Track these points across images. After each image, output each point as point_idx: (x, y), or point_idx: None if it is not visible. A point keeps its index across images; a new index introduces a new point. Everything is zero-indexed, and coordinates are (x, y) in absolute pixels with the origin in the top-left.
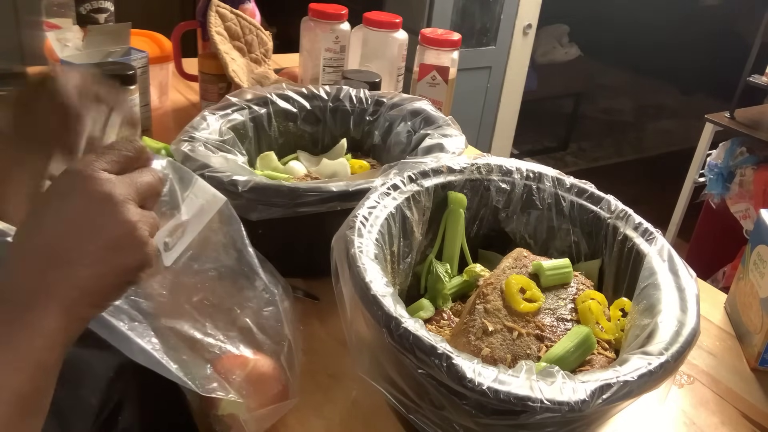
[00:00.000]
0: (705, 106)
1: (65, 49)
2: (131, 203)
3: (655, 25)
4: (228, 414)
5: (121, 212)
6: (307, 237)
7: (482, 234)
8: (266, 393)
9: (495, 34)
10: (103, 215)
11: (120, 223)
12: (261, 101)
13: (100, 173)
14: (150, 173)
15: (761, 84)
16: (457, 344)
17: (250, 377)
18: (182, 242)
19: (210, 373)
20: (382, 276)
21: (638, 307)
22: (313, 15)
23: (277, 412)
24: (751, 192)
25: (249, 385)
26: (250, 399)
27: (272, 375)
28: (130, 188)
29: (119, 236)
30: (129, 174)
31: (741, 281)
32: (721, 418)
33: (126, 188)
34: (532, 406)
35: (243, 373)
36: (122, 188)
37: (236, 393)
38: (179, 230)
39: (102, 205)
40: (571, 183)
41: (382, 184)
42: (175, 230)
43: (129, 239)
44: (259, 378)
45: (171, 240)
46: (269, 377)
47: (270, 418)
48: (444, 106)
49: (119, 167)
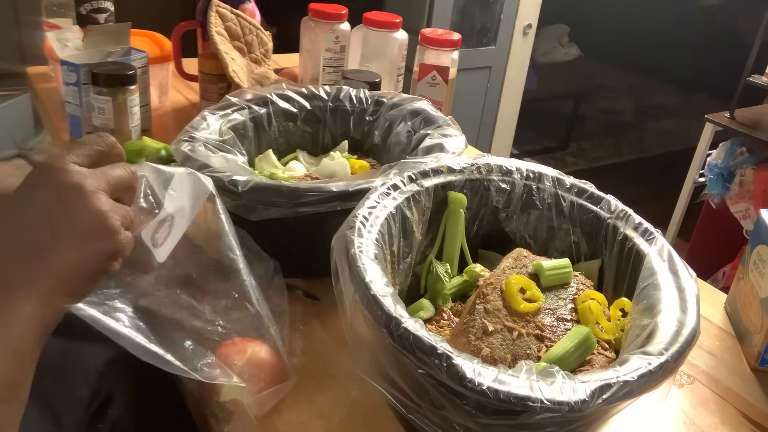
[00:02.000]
0: (705, 106)
1: (65, 49)
2: (102, 194)
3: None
4: (230, 400)
5: (92, 202)
6: (307, 237)
7: (482, 234)
8: (265, 377)
9: (495, 34)
10: (74, 205)
11: (91, 212)
12: (261, 101)
13: (71, 166)
14: (121, 167)
15: (761, 84)
16: (457, 344)
17: (250, 363)
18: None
19: (212, 361)
20: (382, 276)
21: (638, 307)
22: (313, 15)
23: (277, 393)
24: (751, 192)
25: (249, 370)
26: (251, 383)
27: (270, 359)
28: (101, 180)
29: (91, 225)
30: (100, 168)
31: (741, 281)
32: (721, 418)
33: (96, 180)
34: (532, 406)
35: (243, 359)
36: (92, 180)
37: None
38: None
39: (73, 195)
40: (571, 183)
41: (382, 184)
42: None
43: (101, 228)
44: (258, 363)
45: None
46: (267, 362)
47: (270, 400)
48: (444, 106)
49: (90, 161)
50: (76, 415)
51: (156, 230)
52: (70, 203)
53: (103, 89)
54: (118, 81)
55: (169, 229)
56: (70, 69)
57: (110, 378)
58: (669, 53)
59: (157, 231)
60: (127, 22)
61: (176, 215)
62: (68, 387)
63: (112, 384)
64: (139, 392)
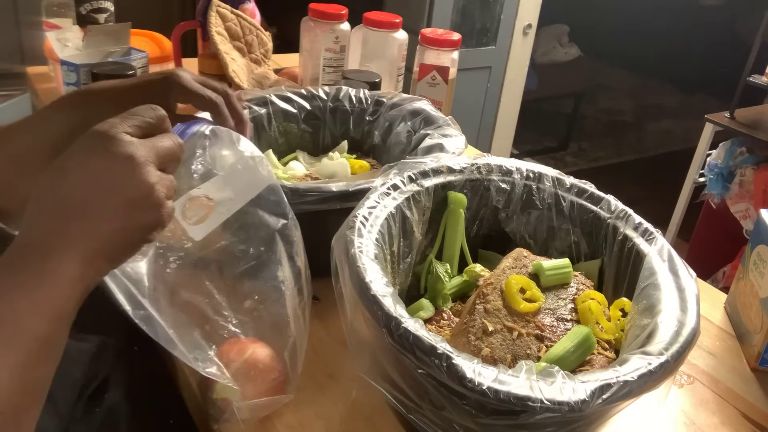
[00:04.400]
0: (705, 106)
1: (65, 49)
2: (151, 165)
3: (655, 25)
4: (222, 398)
5: (141, 173)
6: (307, 237)
7: (482, 234)
8: (260, 382)
9: (495, 34)
10: (124, 175)
11: (139, 183)
12: (261, 101)
13: (123, 135)
14: (170, 138)
15: (761, 84)
16: (457, 344)
17: (246, 364)
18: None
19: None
20: (382, 276)
21: (638, 307)
22: (313, 15)
23: (271, 404)
24: (751, 192)
25: (244, 371)
26: (245, 386)
27: (268, 365)
28: (151, 151)
29: (138, 196)
30: (150, 138)
31: (741, 281)
32: (721, 418)
33: (146, 151)
34: (532, 406)
35: (240, 359)
36: (143, 150)
37: (231, 378)
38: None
39: (123, 165)
40: (571, 183)
41: (382, 184)
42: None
43: (147, 200)
44: (254, 366)
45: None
46: (264, 367)
47: (263, 410)
48: (444, 106)
49: (141, 132)
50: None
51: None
52: (121, 172)
53: None
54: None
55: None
56: (70, 69)
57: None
58: (669, 53)
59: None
60: (127, 22)
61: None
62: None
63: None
64: (136, 381)
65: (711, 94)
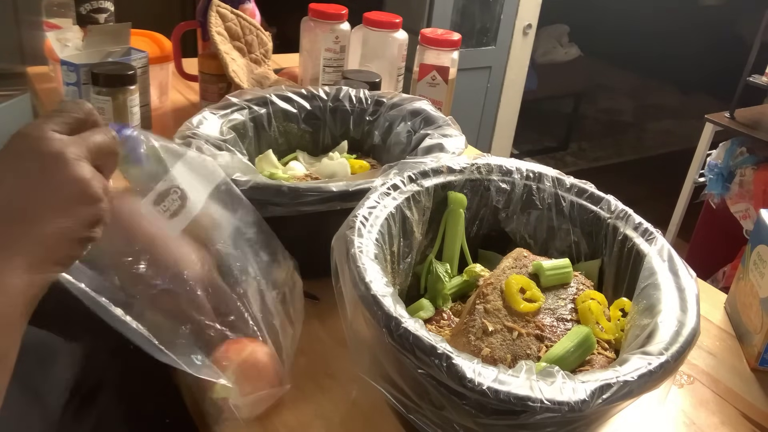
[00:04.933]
0: (705, 106)
1: (65, 49)
2: (83, 161)
3: (655, 25)
4: (221, 398)
5: (73, 169)
6: (307, 237)
7: (482, 234)
8: (260, 380)
9: (495, 34)
10: (57, 173)
11: (74, 180)
12: (261, 101)
13: (51, 133)
14: (101, 132)
15: (761, 84)
16: (457, 344)
17: (246, 363)
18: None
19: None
20: (382, 276)
21: (638, 307)
22: (313, 15)
23: (269, 398)
24: (751, 192)
25: (244, 371)
26: (244, 385)
27: (268, 363)
28: (81, 147)
29: (74, 193)
30: (80, 134)
31: (741, 281)
32: (721, 418)
33: (77, 147)
34: (532, 406)
35: (239, 359)
36: (73, 147)
37: (228, 378)
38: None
39: (55, 163)
40: (571, 183)
41: (382, 184)
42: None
43: (84, 195)
44: (254, 365)
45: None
46: (264, 365)
47: (262, 404)
48: (444, 106)
49: (68, 128)
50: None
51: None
52: (53, 171)
53: (103, 89)
54: (118, 81)
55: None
56: (70, 69)
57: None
58: (669, 53)
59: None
60: (127, 22)
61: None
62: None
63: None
64: (131, 383)
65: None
